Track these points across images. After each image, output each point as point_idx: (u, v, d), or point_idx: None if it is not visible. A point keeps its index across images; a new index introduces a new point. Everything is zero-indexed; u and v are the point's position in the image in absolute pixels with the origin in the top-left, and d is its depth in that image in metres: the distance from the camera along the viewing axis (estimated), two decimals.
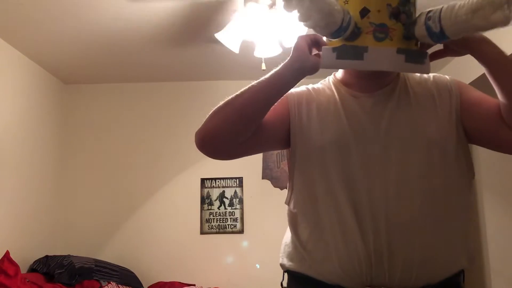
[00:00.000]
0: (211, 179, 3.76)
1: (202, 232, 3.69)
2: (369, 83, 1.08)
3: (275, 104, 1.08)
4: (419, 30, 0.96)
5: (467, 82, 3.02)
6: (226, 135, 1.04)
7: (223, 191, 3.76)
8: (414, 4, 1.00)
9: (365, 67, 0.98)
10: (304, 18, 0.92)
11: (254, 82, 1.05)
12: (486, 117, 1.04)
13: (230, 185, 3.77)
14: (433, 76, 1.14)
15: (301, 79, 1.04)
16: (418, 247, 0.99)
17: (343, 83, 1.13)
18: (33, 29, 2.77)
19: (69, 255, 3.18)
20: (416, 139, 1.03)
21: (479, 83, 3.08)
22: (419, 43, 1.01)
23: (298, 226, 1.10)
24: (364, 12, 0.97)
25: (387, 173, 1.01)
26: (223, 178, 3.76)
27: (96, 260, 3.23)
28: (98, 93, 3.84)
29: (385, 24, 0.96)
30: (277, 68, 1.04)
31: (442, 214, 1.02)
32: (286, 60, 1.03)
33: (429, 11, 0.95)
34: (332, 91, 1.13)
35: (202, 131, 1.06)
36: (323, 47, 1.01)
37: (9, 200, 2.94)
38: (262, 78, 1.05)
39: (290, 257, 1.11)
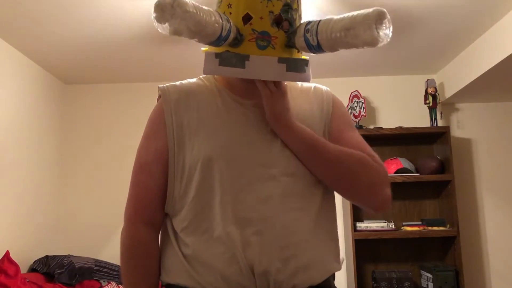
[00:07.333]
0: None
1: None
2: (255, 88, 1.03)
3: (153, 137, 1.05)
4: (299, 41, 0.96)
5: (467, 82, 3.03)
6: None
7: None
8: (297, 11, 0.99)
9: (246, 75, 0.95)
10: (175, 33, 0.88)
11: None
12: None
13: None
14: (314, 87, 1.15)
15: None
16: (305, 254, 0.99)
17: (226, 86, 1.08)
18: (33, 29, 2.77)
19: (69, 255, 3.18)
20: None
21: (479, 83, 3.09)
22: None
23: (179, 238, 1.04)
24: (246, 19, 0.95)
25: (273, 184, 0.99)
26: None
27: (96, 260, 3.23)
28: (98, 93, 3.84)
29: (267, 32, 0.95)
30: None
31: (319, 218, 1.03)
32: None
33: (308, 23, 0.95)
34: (214, 94, 1.07)
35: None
36: (205, 52, 0.98)
37: (9, 200, 2.95)
38: None
39: (168, 268, 1.05)
